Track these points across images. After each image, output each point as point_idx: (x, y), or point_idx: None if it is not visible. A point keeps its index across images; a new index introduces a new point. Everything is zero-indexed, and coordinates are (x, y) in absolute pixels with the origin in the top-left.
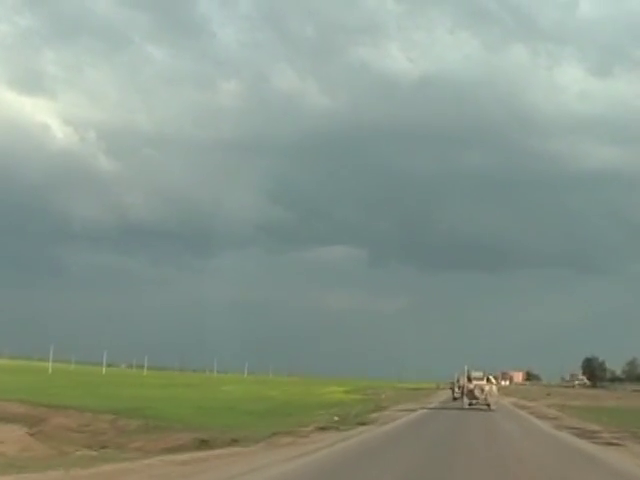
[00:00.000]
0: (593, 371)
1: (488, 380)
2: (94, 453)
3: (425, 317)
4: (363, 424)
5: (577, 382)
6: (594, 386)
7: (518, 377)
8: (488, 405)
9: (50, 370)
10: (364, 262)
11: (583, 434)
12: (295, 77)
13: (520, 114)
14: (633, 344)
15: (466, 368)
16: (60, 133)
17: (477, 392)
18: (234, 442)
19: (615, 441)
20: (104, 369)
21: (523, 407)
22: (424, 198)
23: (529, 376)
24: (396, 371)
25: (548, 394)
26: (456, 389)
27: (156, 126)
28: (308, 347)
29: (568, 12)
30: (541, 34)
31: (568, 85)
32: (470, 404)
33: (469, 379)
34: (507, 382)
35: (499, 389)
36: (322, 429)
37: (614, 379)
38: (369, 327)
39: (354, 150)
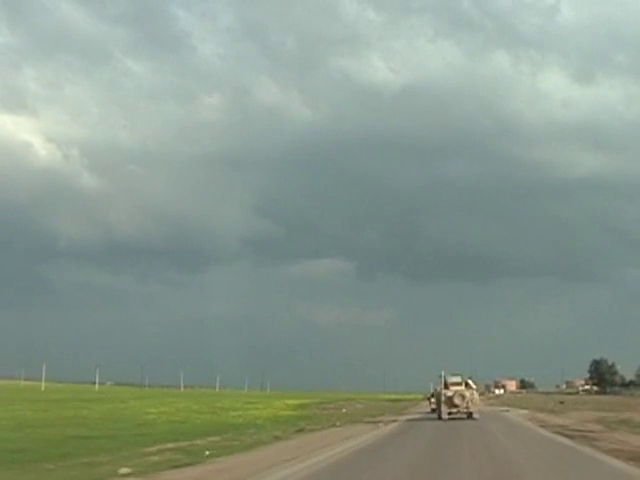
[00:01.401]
0: (602, 375)
1: (467, 385)
2: None
3: (413, 329)
4: None
5: (581, 388)
6: (603, 392)
7: (511, 385)
8: (470, 414)
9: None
10: (352, 275)
11: None
12: (277, 89)
13: (504, 122)
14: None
15: (442, 373)
16: (43, 151)
17: (457, 399)
18: None
19: None
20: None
21: (558, 428)
22: (410, 209)
23: (523, 384)
24: (381, 383)
25: (561, 402)
26: (432, 399)
27: (139, 142)
28: (294, 360)
29: (549, 18)
30: (523, 41)
31: (551, 92)
32: (450, 414)
33: (446, 385)
34: (501, 390)
35: (496, 397)
36: None
37: (624, 384)
38: (357, 340)
39: (339, 162)
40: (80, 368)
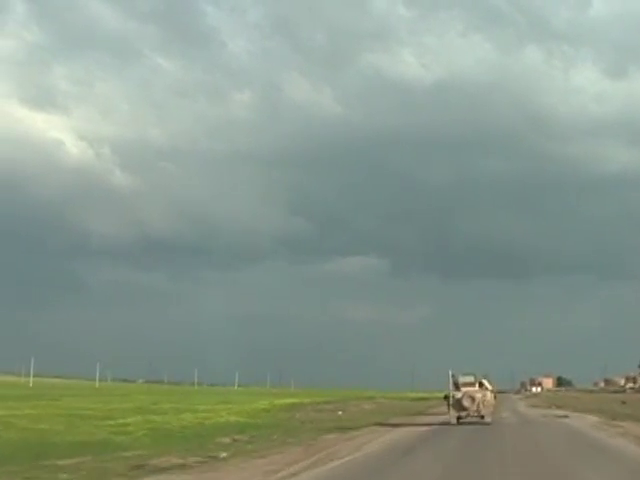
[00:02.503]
0: None
1: (481, 385)
2: None
3: (447, 326)
4: None
5: (629, 386)
6: None
7: (548, 383)
8: (482, 417)
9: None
10: (385, 272)
11: None
12: (308, 86)
13: (536, 117)
14: None
15: (450, 373)
16: (74, 148)
17: (465, 402)
18: None
19: None
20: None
21: None
22: (444, 206)
23: (560, 382)
24: (409, 381)
25: (623, 402)
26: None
27: (170, 139)
28: (324, 358)
29: (581, 11)
30: (555, 35)
31: (584, 86)
32: (459, 417)
33: (456, 386)
34: (538, 389)
35: (534, 396)
36: None
37: None
38: (389, 337)
39: (371, 159)
40: (107, 365)
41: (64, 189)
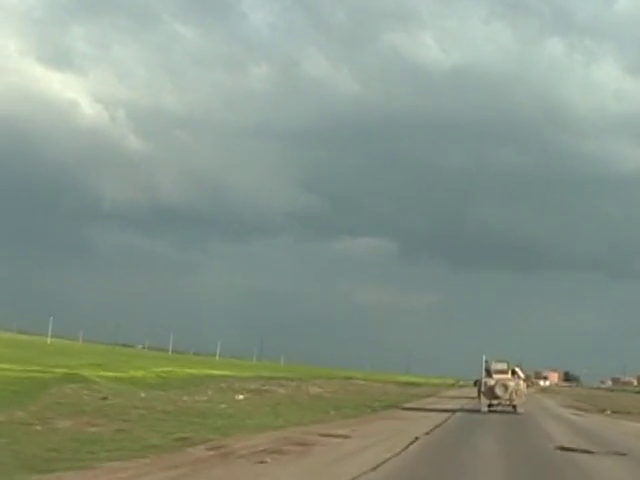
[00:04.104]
0: None
1: (514, 373)
2: None
3: (453, 314)
4: None
5: None
6: None
7: (554, 377)
8: (514, 407)
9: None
10: (394, 255)
11: None
12: (326, 63)
13: (555, 111)
14: None
15: (484, 358)
16: (90, 110)
17: (498, 390)
18: None
19: None
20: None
21: None
22: (457, 192)
23: (567, 377)
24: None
25: None
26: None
27: (186, 108)
28: (325, 337)
29: (606, 6)
30: (578, 28)
31: (604, 83)
32: (490, 405)
33: (488, 373)
34: (547, 382)
35: (542, 390)
36: None
37: None
38: (393, 321)
39: (386, 140)
40: (112, 328)
41: (78, 151)
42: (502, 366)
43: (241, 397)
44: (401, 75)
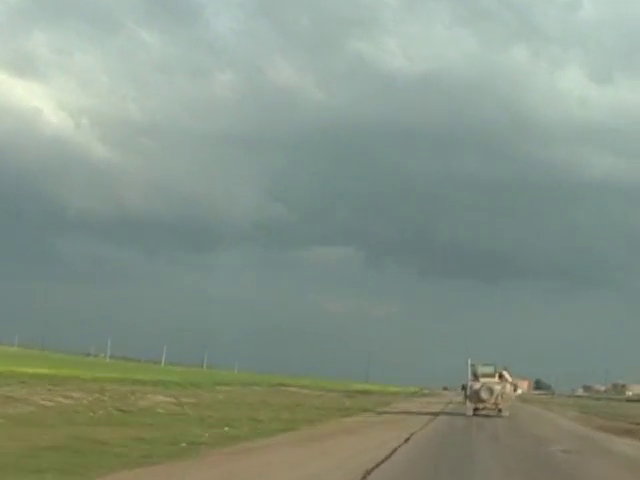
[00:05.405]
0: None
1: (501, 377)
2: None
3: (419, 323)
4: None
5: (631, 393)
6: None
7: (523, 385)
8: (499, 410)
9: None
10: (361, 265)
11: None
12: (291, 70)
13: (519, 118)
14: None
15: (469, 362)
16: (53, 118)
17: (484, 393)
18: None
19: None
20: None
21: None
22: (424, 200)
23: (538, 385)
24: (364, 373)
25: None
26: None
27: (149, 115)
28: (286, 345)
29: (571, 13)
30: (543, 35)
31: (569, 90)
32: (476, 409)
33: (475, 376)
34: (518, 391)
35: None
36: None
37: None
38: (358, 329)
39: (353, 148)
40: (79, 339)
41: (41, 159)
42: (489, 369)
43: None
44: (367, 82)
